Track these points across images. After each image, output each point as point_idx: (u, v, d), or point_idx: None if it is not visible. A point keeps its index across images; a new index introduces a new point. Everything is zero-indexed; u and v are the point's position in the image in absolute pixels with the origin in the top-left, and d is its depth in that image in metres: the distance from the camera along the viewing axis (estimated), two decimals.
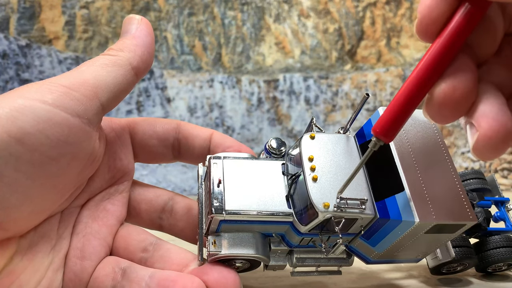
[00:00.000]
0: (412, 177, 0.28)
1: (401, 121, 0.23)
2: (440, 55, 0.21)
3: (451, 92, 0.21)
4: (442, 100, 0.21)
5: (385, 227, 0.29)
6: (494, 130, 0.20)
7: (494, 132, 0.20)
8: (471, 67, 0.22)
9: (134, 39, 0.30)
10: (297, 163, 0.30)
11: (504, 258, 0.36)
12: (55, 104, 0.24)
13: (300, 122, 0.73)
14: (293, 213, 0.29)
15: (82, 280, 0.29)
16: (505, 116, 0.20)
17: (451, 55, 0.21)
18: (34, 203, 0.25)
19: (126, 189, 0.33)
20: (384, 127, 0.23)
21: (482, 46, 0.22)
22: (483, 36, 0.22)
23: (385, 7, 0.75)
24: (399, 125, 0.23)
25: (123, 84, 0.28)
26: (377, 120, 0.23)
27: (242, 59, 0.72)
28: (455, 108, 0.22)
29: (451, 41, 0.21)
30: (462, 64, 0.22)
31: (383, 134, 0.23)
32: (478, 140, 0.21)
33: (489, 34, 0.22)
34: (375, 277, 0.38)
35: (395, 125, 0.23)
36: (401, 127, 0.23)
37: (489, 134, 0.20)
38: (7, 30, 0.67)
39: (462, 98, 0.21)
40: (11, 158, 0.23)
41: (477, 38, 0.22)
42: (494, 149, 0.21)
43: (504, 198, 0.40)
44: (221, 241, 0.29)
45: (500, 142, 0.20)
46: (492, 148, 0.21)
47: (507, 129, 0.20)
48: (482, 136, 0.21)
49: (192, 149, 0.34)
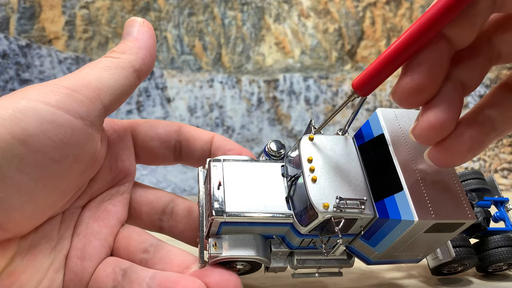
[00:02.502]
0: (410, 177, 0.28)
1: (379, 79, 0.24)
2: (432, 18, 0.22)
3: (436, 123, 0.23)
4: (426, 125, 0.23)
5: (384, 227, 0.29)
6: (430, 124, 0.23)
7: (429, 126, 0.23)
8: (459, 101, 0.23)
9: (136, 42, 0.30)
10: (297, 165, 0.30)
11: (504, 257, 0.37)
12: (58, 105, 0.24)
13: (300, 122, 0.73)
14: (293, 214, 0.30)
15: (83, 281, 0.29)
16: (445, 114, 0.23)
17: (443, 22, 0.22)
18: (36, 204, 0.25)
19: (127, 190, 0.33)
20: (362, 82, 0.24)
21: (458, 36, 0.23)
22: (463, 25, 0.23)
23: (385, 7, 0.75)
24: (377, 82, 0.24)
25: (125, 87, 0.28)
26: (359, 75, 0.25)
27: (242, 59, 0.72)
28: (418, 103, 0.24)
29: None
30: (450, 96, 0.23)
31: (360, 88, 0.25)
32: (415, 127, 0.24)
33: (469, 23, 0.22)
34: (375, 277, 0.39)
35: (373, 82, 0.24)
36: (378, 85, 0.24)
37: (424, 126, 0.23)
38: (7, 30, 0.67)
39: (444, 127, 0.23)
40: (14, 159, 0.23)
41: (457, 26, 0.22)
42: (427, 138, 0.24)
43: (504, 198, 0.40)
44: (221, 243, 0.30)
45: (432, 133, 0.23)
46: (425, 136, 0.24)
47: (441, 126, 0.23)
48: (419, 126, 0.23)
49: (193, 151, 0.34)
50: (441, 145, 0.24)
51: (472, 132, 0.24)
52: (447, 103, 0.23)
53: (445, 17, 0.21)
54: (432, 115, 0.23)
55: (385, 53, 0.23)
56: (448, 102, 0.23)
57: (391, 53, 0.23)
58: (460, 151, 0.24)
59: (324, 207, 0.27)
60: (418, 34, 0.22)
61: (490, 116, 0.24)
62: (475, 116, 0.24)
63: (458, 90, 0.23)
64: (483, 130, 0.24)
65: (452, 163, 0.25)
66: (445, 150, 0.24)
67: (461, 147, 0.24)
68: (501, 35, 0.24)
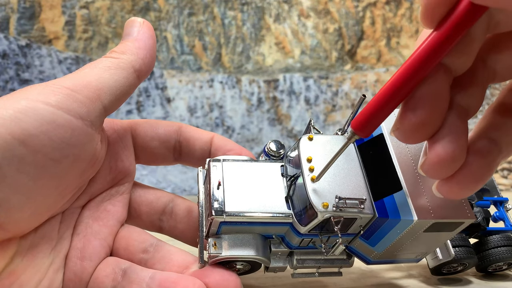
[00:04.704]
0: (410, 176, 0.28)
1: (379, 119, 0.23)
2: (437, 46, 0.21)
3: (446, 156, 0.22)
4: (436, 159, 0.22)
5: (384, 226, 0.29)
6: (439, 158, 0.22)
7: (439, 160, 0.22)
8: (465, 129, 0.22)
9: (136, 42, 0.30)
10: (296, 165, 0.30)
11: (504, 257, 0.37)
12: (58, 106, 0.25)
13: (300, 122, 0.73)
14: (293, 214, 0.30)
15: (82, 281, 0.29)
16: (454, 145, 0.22)
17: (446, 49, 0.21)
18: (36, 204, 0.25)
19: (127, 190, 0.33)
20: (362, 122, 0.23)
21: (457, 64, 0.22)
22: (461, 53, 0.22)
23: (385, 7, 0.75)
24: (377, 122, 0.23)
25: (125, 87, 0.28)
26: (357, 115, 0.23)
27: (242, 59, 0.72)
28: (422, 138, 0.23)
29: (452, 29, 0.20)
30: (455, 125, 0.22)
31: (360, 129, 0.23)
32: (424, 162, 0.22)
33: (467, 50, 0.22)
34: (375, 277, 0.39)
35: (373, 122, 0.23)
36: (378, 124, 0.23)
37: (434, 160, 0.22)
38: (7, 30, 0.67)
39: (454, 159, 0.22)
40: (14, 159, 0.23)
41: (455, 54, 0.22)
42: (438, 173, 0.22)
43: (503, 198, 0.40)
44: (221, 243, 0.30)
45: (443, 168, 0.22)
46: (435, 172, 0.22)
47: (452, 158, 0.22)
48: (428, 161, 0.22)
49: (193, 151, 0.34)
50: (453, 179, 0.23)
51: (481, 160, 0.22)
52: (454, 133, 0.22)
53: (445, 48, 0.21)
54: (440, 148, 0.22)
55: (382, 89, 0.22)
56: (455, 132, 0.22)
57: (389, 90, 0.22)
58: (473, 182, 0.23)
59: (323, 206, 0.27)
60: (416, 68, 0.21)
61: (495, 140, 0.23)
62: (479, 142, 0.23)
63: (462, 117, 0.22)
64: (490, 157, 0.23)
65: (465, 195, 0.23)
66: (457, 183, 0.23)
67: (473, 178, 0.23)
68: (495, 55, 0.23)
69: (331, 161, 0.27)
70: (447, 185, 0.23)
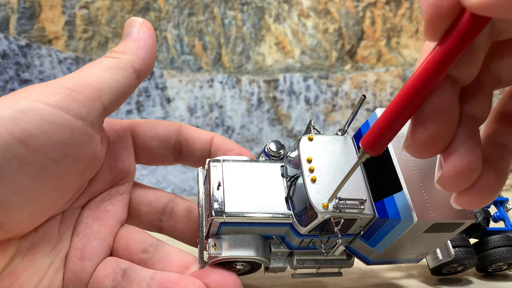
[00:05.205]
0: (410, 177, 0.28)
1: (389, 136, 0.22)
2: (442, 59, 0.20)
3: (463, 168, 0.21)
4: (453, 173, 0.21)
5: (384, 227, 0.29)
6: (457, 170, 0.21)
7: (457, 172, 0.21)
8: (477, 138, 0.22)
9: (136, 42, 0.30)
10: (296, 165, 0.30)
11: (504, 257, 0.37)
12: (58, 106, 0.25)
13: (300, 122, 0.73)
14: (293, 214, 0.30)
15: (82, 281, 0.29)
16: (470, 156, 0.21)
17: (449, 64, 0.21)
18: (35, 204, 0.25)
19: (126, 190, 0.33)
20: (372, 141, 0.22)
21: (464, 75, 0.22)
22: (467, 63, 0.21)
23: (385, 7, 0.75)
24: (387, 140, 0.22)
25: (125, 87, 0.28)
26: (366, 132, 0.23)
27: (242, 59, 0.72)
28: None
29: (457, 42, 0.20)
30: (468, 135, 0.22)
31: (370, 147, 0.23)
32: (441, 176, 0.22)
33: (473, 60, 0.21)
34: (375, 277, 0.39)
35: (383, 140, 0.22)
36: (388, 142, 0.23)
37: (451, 173, 0.21)
38: (7, 30, 0.67)
39: (472, 170, 0.21)
40: (14, 160, 0.23)
41: (461, 65, 0.21)
42: (456, 186, 0.22)
43: (503, 198, 0.40)
44: (221, 244, 0.30)
45: (461, 180, 0.21)
46: (453, 185, 0.22)
47: (469, 169, 0.21)
48: (445, 174, 0.22)
49: (193, 151, 0.34)
50: (472, 190, 0.22)
51: (496, 167, 0.22)
52: (468, 144, 0.21)
53: (451, 61, 0.20)
54: (456, 160, 0.21)
55: (390, 106, 0.21)
56: (468, 142, 0.21)
57: (397, 106, 0.21)
58: (492, 191, 0.22)
59: (323, 207, 0.27)
60: (423, 83, 0.20)
61: (504, 145, 0.23)
62: (489, 150, 0.23)
63: (473, 126, 0.22)
64: (504, 162, 0.23)
65: (485, 204, 0.23)
66: (477, 194, 0.22)
67: (492, 186, 0.22)
68: (499, 61, 0.23)
69: (342, 182, 0.26)
70: (466, 197, 0.22)
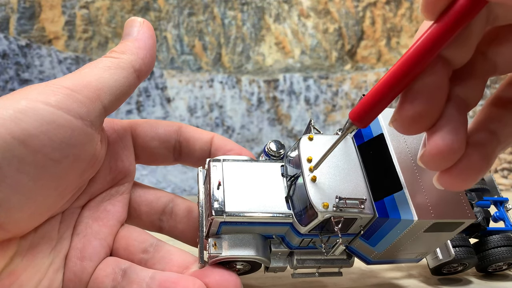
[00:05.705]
0: (410, 176, 0.28)
1: (377, 109, 0.23)
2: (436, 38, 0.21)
3: (445, 147, 0.22)
4: (435, 151, 0.22)
5: (384, 226, 0.29)
6: (438, 149, 0.22)
7: (438, 151, 0.22)
8: (464, 120, 0.22)
9: (136, 42, 0.30)
10: (296, 165, 0.30)
11: (504, 257, 0.37)
12: (58, 106, 0.25)
13: (300, 122, 0.73)
14: (293, 214, 0.30)
15: (82, 281, 0.29)
16: (453, 136, 0.22)
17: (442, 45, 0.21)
18: (35, 204, 0.25)
19: (126, 190, 0.33)
20: (360, 113, 0.23)
21: (456, 57, 0.22)
22: (460, 45, 0.22)
23: (385, 7, 0.75)
24: (375, 113, 0.23)
25: (125, 87, 0.28)
26: (356, 105, 0.23)
27: (242, 59, 0.72)
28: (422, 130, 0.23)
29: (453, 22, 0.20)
30: (454, 117, 0.22)
31: (358, 119, 0.23)
32: (423, 154, 0.22)
33: (466, 43, 0.22)
34: (375, 277, 0.39)
35: (371, 112, 0.23)
36: (376, 115, 0.23)
37: (433, 151, 0.22)
38: (7, 30, 0.67)
39: (454, 150, 0.22)
40: (14, 160, 0.23)
41: (454, 47, 0.22)
42: (437, 164, 0.22)
43: (503, 198, 0.40)
44: (221, 243, 0.30)
45: (443, 159, 0.22)
46: (435, 163, 0.22)
47: (451, 148, 0.22)
48: (427, 152, 0.22)
49: (193, 151, 0.34)
50: (454, 170, 0.23)
51: (481, 151, 0.23)
52: (452, 124, 0.22)
53: (445, 40, 0.21)
54: (439, 139, 0.22)
55: (382, 80, 0.22)
56: (453, 123, 0.22)
57: (389, 81, 0.22)
58: (473, 174, 0.23)
59: (323, 206, 0.27)
60: (416, 60, 0.21)
61: (494, 132, 0.23)
62: (478, 134, 0.23)
63: (461, 109, 0.23)
64: (490, 148, 0.23)
65: (467, 186, 0.23)
66: (457, 174, 0.22)
67: (473, 169, 0.22)
68: (495, 48, 0.23)
69: (328, 151, 0.27)
70: (447, 177, 0.23)
